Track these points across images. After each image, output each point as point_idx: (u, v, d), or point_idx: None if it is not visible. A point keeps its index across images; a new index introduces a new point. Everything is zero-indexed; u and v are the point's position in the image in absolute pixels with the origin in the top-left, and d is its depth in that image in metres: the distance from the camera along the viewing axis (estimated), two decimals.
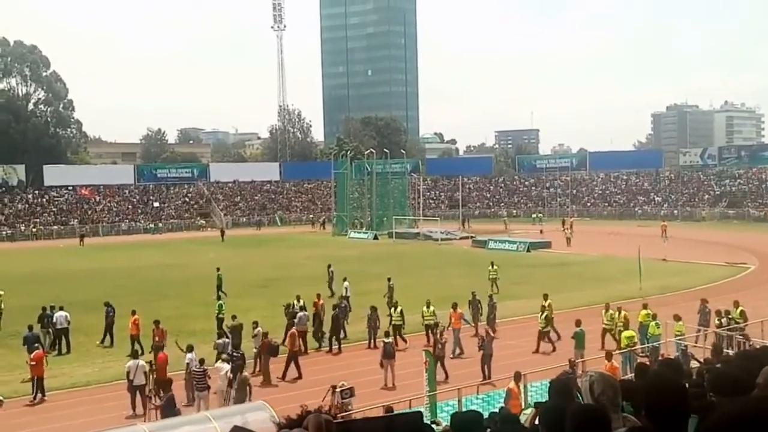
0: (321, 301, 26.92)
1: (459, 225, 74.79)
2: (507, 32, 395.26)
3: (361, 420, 3.88)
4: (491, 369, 20.13)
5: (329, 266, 37.07)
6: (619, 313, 22.76)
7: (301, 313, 24.67)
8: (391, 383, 19.93)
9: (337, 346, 24.58)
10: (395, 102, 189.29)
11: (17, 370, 22.21)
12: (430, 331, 23.99)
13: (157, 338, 21.91)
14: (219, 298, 31.52)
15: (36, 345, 21.80)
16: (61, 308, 25.90)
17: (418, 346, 22.81)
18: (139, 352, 22.68)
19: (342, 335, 25.10)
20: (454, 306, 24.43)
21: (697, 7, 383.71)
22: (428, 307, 25.12)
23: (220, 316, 26.22)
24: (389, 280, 31.35)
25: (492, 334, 21.98)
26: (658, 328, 21.49)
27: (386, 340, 20.79)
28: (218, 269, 34.44)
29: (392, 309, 25.28)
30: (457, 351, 23.32)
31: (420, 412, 4.40)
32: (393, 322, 24.48)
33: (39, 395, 19.71)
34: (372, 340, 24.53)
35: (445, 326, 22.78)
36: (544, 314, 23.82)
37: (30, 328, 23.41)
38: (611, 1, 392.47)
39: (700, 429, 3.15)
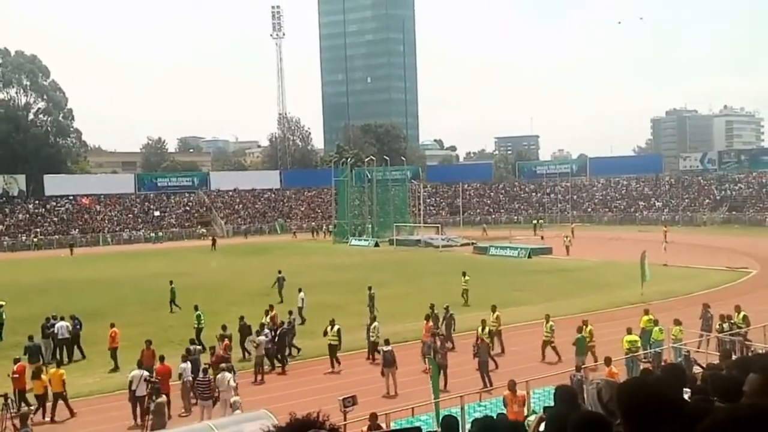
0: (274, 312, 26.19)
1: (481, 232, 74.57)
2: (506, 38, 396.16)
3: None
4: (489, 377, 20.09)
5: (279, 272, 37.40)
6: (586, 326, 21.94)
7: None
8: (393, 392, 19.86)
9: (280, 366, 22.86)
10: (395, 109, 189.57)
11: None
12: (493, 337, 23.46)
13: (144, 361, 20.25)
14: (171, 311, 31.90)
15: (36, 355, 21.89)
16: (62, 318, 25.85)
17: (416, 354, 22.72)
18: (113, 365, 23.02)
19: (288, 352, 23.70)
20: (427, 318, 23.84)
21: (695, 12, 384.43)
22: (494, 312, 24.59)
23: (200, 326, 25.82)
24: (370, 288, 30.76)
25: (483, 343, 21.18)
26: (662, 333, 21.45)
27: (386, 348, 20.62)
28: (171, 282, 34.02)
29: (329, 327, 23.00)
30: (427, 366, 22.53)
31: (419, 428, 4.40)
32: (329, 342, 22.74)
33: (24, 408, 19.30)
34: (372, 352, 23.62)
35: (444, 334, 22.34)
36: (486, 328, 22.33)
37: (30, 338, 23.32)
38: (610, 7, 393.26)
39: None
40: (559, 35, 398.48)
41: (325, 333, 23.26)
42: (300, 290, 31.59)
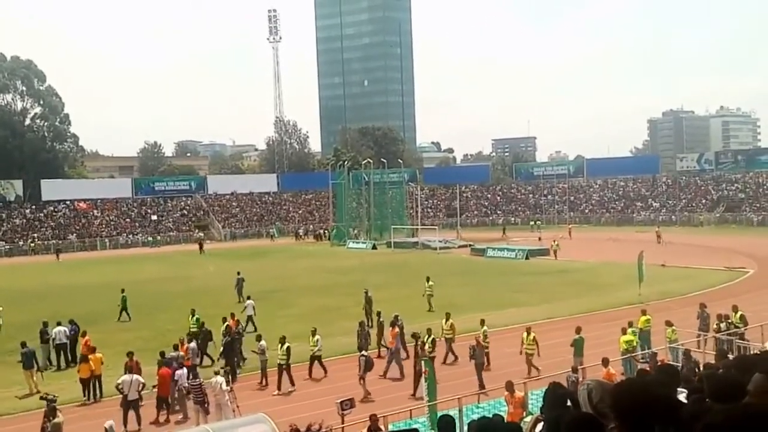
0: (234, 320, 25.60)
1: (501, 234, 74.52)
2: (502, 40, 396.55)
3: None
4: (482, 378, 20.08)
5: (238, 273, 37.95)
6: (528, 333, 21.72)
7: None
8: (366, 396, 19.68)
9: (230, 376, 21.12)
10: (392, 112, 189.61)
11: (15, 386, 22.24)
12: (448, 344, 23.15)
13: (128, 370, 19.81)
14: (119, 319, 31.91)
15: (30, 361, 22.00)
16: (58, 323, 25.79)
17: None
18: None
19: (237, 362, 22.77)
20: (393, 324, 23.47)
21: (691, 12, 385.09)
22: (447, 320, 23.92)
23: (194, 329, 25.57)
24: (366, 292, 30.61)
25: (479, 345, 20.91)
26: (674, 333, 21.41)
27: (365, 353, 20.47)
28: (123, 290, 33.71)
29: (279, 345, 21.48)
30: (394, 373, 21.85)
31: (417, 429, 4.38)
32: (279, 361, 21.30)
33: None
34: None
35: (425, 339, 21.33)
36: (431, 338, 21.64)
37: (23, 344, 23.15)
38: (606, 9, 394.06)
39: None
40: (556, 36, 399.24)
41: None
42: (249, 297, 31.49)
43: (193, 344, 23.09)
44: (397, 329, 22.87)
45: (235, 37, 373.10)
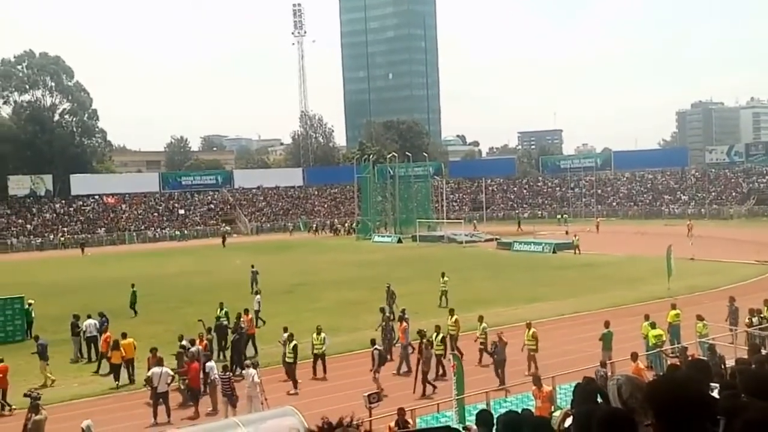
0: (249, 316, 25.90)
1: (516, 227, 74.38)
2: (528, 33, 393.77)
3: None
4: (505, 374, 19.94)
5: (252, 266, 38.56)
6: (529, 329, 21.53)
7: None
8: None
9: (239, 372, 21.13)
10: (417, 105, 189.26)
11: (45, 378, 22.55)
12: (452, 341, 22.58)
13: (150, 367, 19.82)
14: (135, 314, 31.95)
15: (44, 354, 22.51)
16: (89, 316, 26.14)
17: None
18: (98, 368, 23.40)
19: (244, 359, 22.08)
20: (400, 318, 23.35)
21: (720, 3, 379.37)
22: (451, 316, 23.61)
23: (225, 322, 25.45)
24: (389, 286, 30.68)
25: (501, 342, 20.45)
26: (705, 328, 21.15)
27: (378, 347, 20.45)
28: (133, 285, 33.84)
29: (315, 334, 21.81)
30: (404, 368, 21.61)
31: (455, 428, 4.37)
32: (314, 351, 21.70)
33: (8, 408, 19.69)
34: (389, 352, 22.73)
35: (429, 338, 20.79)
36: (440, 335, 21.35)
37: (36, 338, 23.79)
38: (636, 1, 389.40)
39: None
40: (583, 29, 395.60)
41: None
42: (257, 293, 31.59)
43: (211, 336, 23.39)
44: (405, 324, 22.83)
45: (261, 32, 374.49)
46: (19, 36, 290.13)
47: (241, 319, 24.90)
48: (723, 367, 14.05)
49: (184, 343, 21.46)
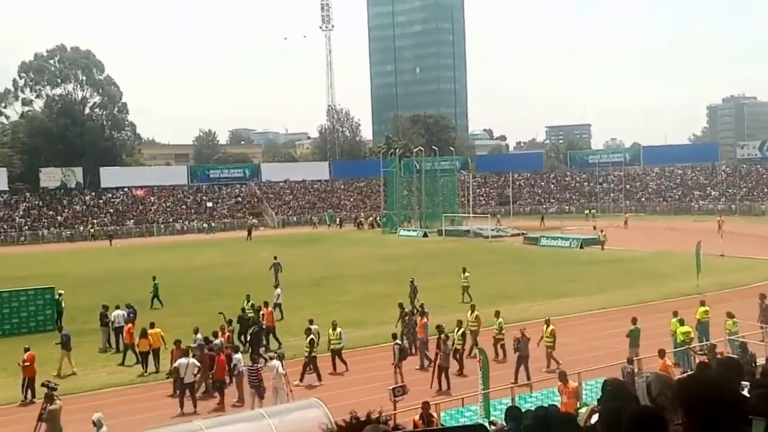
0: (269, 309, 26.30)
1: (539, 222, 74.03)
2: (557, 26, 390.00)
3: None
4: (529, 370, 19.84)
5: (275, 258, 38.87)
6: (547, 326, 21.25)
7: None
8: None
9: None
10: (444, 99, 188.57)
11: (76, 367, 22.95)
12: (473, 337, 22.50)
13: (176, 359, 19.95)
14: (152, 306, 31.94)
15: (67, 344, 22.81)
16: (117, 307, 26.47)
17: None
18: (123, 359, 23.60)
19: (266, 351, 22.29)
20: (421, 313, 23.28)
21: None
22: (472, 312, 23.46)
23: (249, 314, 25.62)
24: (412, 281, 30.69)
25: (524, 338, 20.18)
26: (735, 326, 20.88)
27: (399, 342, 20.48)
28: (154, 278, 33.98)
29: (330, 330, 21.99)
30: (426, 363, 21.52)
31: (483, 425, 4.35)
32: (331, 346, 21.80)
33: (30, 396, 19.85)
34: (413, 346, 22.59)
35: (449, 334, 20.71)
36: (461, 330, 21.37)
37: (60, 329, 24.18)
38: None
39: None
40: (614, 22, 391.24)
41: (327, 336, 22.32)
42: (276, 287, 31.75)
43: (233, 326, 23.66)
44: (425, 319, 22.76)
45: (288, 25, 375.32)
46: (50, 30, 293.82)
47: (261, 312, 25.23)
48: (754, 365, 13.84)
49: (198, 336, 21.77)
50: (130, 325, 24.33)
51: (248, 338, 23.69)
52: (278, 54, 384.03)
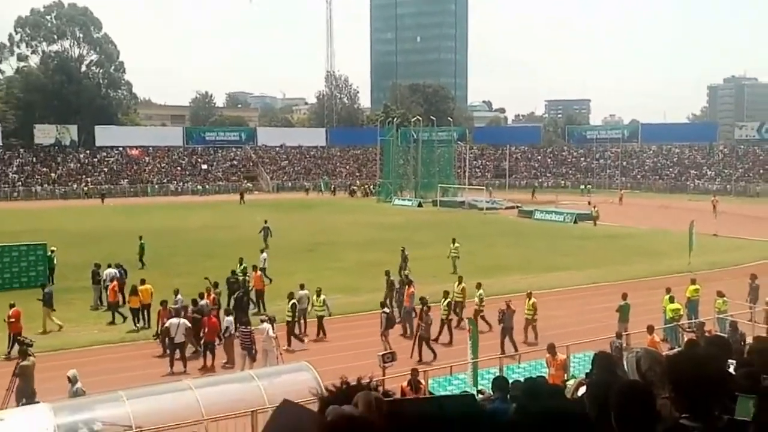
0: (258, 273, 25.88)
1: (531, 196, 74.11)
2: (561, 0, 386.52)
3: (412, 401, 3.86)
4: (515, 342, 19.96)
5: (265, 221, 39.43)
6: (529, 300, 21.44)
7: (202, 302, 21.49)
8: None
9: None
10: (444, 69, 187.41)
11: (67, 323, 23.03)
12: (457, 309, 22.52)
13: (162, 320, 20.27)
14: (143, 267, 31.41)
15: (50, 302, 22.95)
16: (109, 266, 26.43)
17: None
18: (113, 318, 23.58)
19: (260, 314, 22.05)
20: (408, 283, 23.19)
21: None
22: (459, 283, 23.41)
23: (239, 277, 25.33)
24: (403, 250, 30.58)
25: (509, 309, 20.28)
26: (725, 304, 21.00)
27: (386, 310, 20.54)
28: (141, 237, 33.70)
29: (315, 296, 22.05)
30: (408, 332, 21.59)
31: (472, 395, 4.35)
32: (316, 312, 21.88)
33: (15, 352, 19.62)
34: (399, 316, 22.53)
35: (441, 302, 21.09)
36: (447, 300, 21.37)
37: (43, 287, 24.05)
38: None
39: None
40: None
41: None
42: (262, 251, 31.34)
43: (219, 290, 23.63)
44: (412, 289, 22.73)
45: None
46: None
47: (248, 275, 25.31)
48: (743, 344, 13.94)
49: (179, 297, 21.82)
50: (114, 283, 24.41)
51: (232, 302, 23.61)
52: (279, 18, 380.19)
